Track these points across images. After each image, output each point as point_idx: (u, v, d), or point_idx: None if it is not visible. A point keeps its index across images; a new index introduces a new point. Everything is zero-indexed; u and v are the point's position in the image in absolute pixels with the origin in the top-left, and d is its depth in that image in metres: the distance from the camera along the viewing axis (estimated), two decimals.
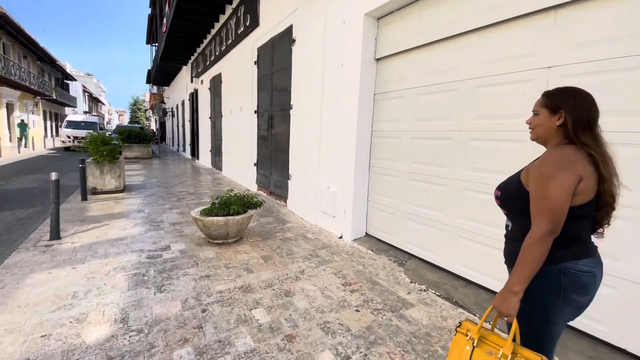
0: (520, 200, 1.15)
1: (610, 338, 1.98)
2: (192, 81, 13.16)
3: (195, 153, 13.88)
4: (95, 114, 36.79)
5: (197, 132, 13.25)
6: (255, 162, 6.99)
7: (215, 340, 2.00)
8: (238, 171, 8.15)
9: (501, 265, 1.35)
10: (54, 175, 3.76)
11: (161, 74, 17.57)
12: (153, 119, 38.10)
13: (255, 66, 6.73)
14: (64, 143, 17.52)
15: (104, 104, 59.24)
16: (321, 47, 4.25)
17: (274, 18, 5.67)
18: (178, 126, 18.72)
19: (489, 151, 2.59)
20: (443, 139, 2.97)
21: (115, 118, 79.19)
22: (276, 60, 5.80)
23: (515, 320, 1.10)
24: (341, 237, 4.00)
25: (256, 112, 6.83)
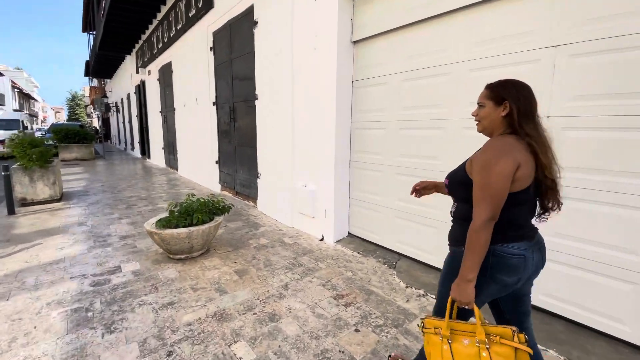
0: (463, 187, 1.21)
1: (632, 338, 1.85)
2: (137, 72, 11.86)
3: (145, 151, 12.65)
4: (17, 110, 32.43)
5: (146, 128, 12.04)
6: (217, 159, 6.36)
7: None
8: (197, 170, 7.43)
9: None
10: None
11: (102, 64, 15.75)
12: (95, 115, 34.66)
13: (211, 53, 6.05)
14: None
15: (37, 100, 52.94)
16: (289, 29, 3.79)
17: None
18: (124, 122, 17.00)
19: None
20: (434, 129, 2.70)
21: (51, 116, 71.31)
22: (236, 45, 5.21)
23: (476, 306, 1.16)
24: (322, 240, 3.65)
25: (215, 103, 6.18)
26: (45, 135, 13.27)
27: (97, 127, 26.50)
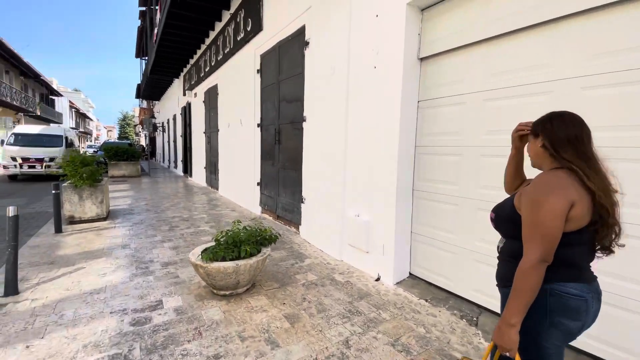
0: (512, 223, 1.15)
1: None
2: (184, 94, 12.39)
3: (188, 170, 13.00)
4: (74, 128, 35.27)
5: (190, 147, 12.41)
6: (258, 181, 6.19)
7: None
8: (238, 191, 7.32)
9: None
10: (11, 211, 2.91)
11: (151, 87, 16.79)
12: (142, 134, 37.07)
13: (257, 75, 6.01)
14: (7, 169, 10.82)
15: (91, 119, 57.93)
16: (345, 48, 3.54)
17: (281, 20, 4.99)
18: (169, 141, 17.82)
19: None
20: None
21: (104, 134, 77.66)
22: (284, 67, 5.09)
23: (518, 355, 1.06)
24: (379, 280, 3.21)
25: (259, 125, 6.08)
26: (97, 153, 14.04)
27: (144, 145, 28.18)
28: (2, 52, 17.38)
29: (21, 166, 10.65)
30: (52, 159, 10.90)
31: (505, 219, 1.19)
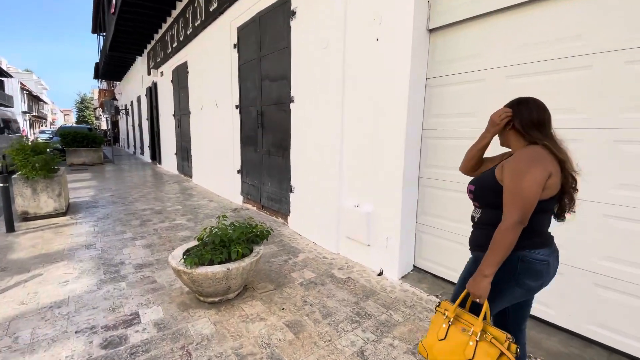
0: (493, 193, 1.25)
1: None
2: (149, 73, 11.33)
3: (156, 156, 12.10)
4: (26, 111, 31.76)
5: (157, 132, 11.49)
6: (239, 168, 5.72)
7: None
8: (215, 179, 6.80)
9: None
10: None
11: (111, 66, 15.32)
12: (104, 118, 34.47)
13: (234, 50, 5.44)
14: None
15: (46, 102, 53.16)
16: (341, 18, 3.14)
17: None
18: (134, 125, 16.53)
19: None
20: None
21: (60, 118, 71.83)
22: (266, 41, 4.58)
23: (486, 301, 1.20)
24: (381, 274, 2.97)
25: (238, 107, 5.56)
26: (53, 139, 12.70)
27: (106, 130, 26.17)
28: None
29: None
30: None
31: (488, 188, 1.28)
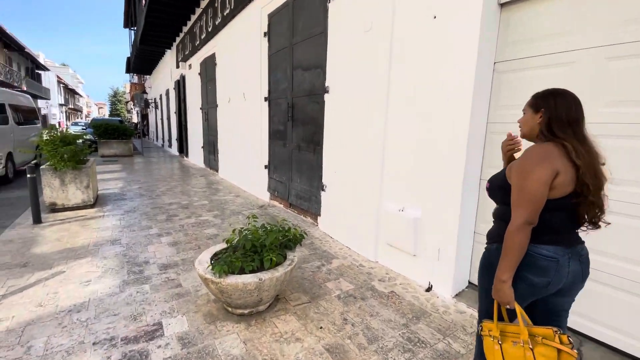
0: (502, 191, 1.24)
1: None
2: (177, 66, 11.34)
3: (183, 149, 12.15)
4: (62, 104, 32.41)
5: (185, 125, 11.51)
6: (266, 164, 5.47)
7: None
8: (241, 174, 6.60)
9: None
10: None
11: (141, 60, 15.55)
12: (135, 111, 35.61)
13: (265, 39, 5.15)
14: None
15: (81, 96, 55.74)
16: None
17: None
18: (162, 119, 16.78)
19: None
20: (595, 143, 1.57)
21: (95, 111, 75.23)
22: (300, 27, 4.26)
23: (518, 306, 1.14)
24: (430, 289, 2.60)
25: (267, 99, 5.29)
26: (86, 130, 13.07)
27: (136, 123, 26.96)
28: None
29: None
30: None
31: (498, 186, 1.26)
